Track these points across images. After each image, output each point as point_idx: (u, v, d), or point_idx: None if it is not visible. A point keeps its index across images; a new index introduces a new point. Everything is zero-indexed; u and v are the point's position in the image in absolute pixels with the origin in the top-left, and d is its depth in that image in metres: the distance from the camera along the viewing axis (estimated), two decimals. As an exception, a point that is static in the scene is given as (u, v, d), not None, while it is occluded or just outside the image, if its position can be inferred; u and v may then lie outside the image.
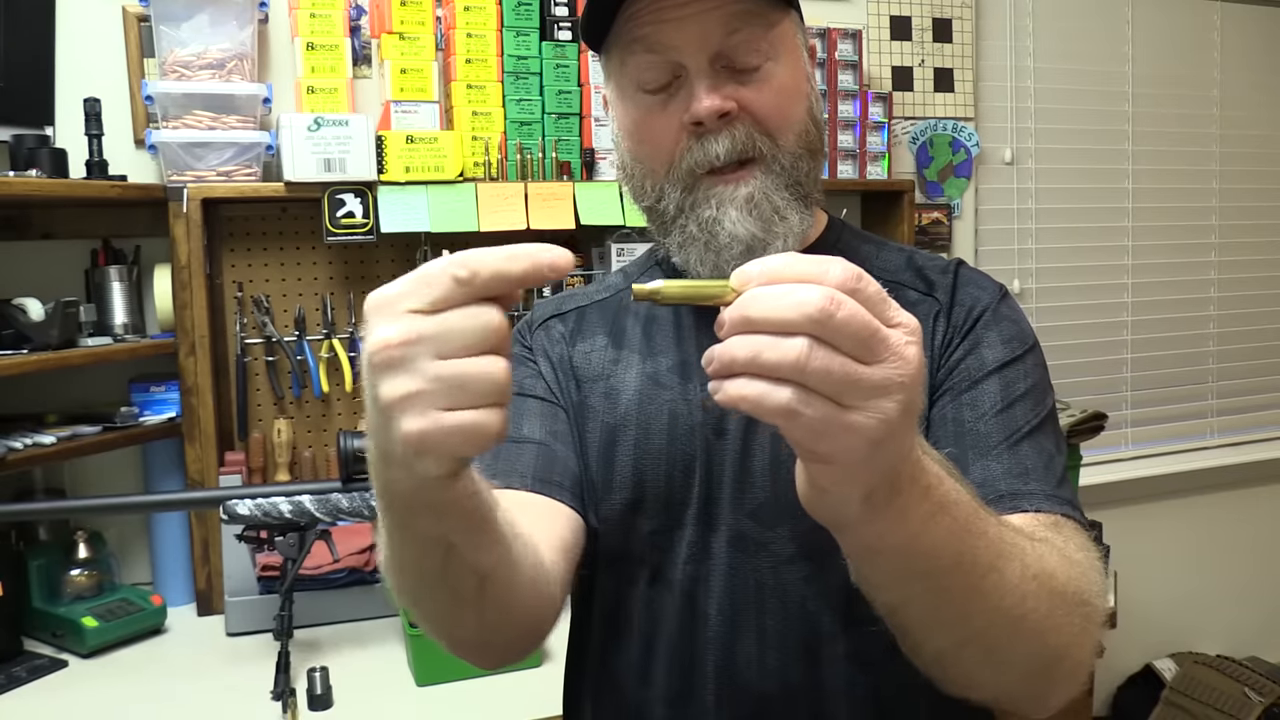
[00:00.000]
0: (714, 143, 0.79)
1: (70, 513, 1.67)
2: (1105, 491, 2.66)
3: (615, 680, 0.86)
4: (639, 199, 0.86)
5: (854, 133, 2.24)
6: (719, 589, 0.81)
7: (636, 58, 0.80)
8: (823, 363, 0.45)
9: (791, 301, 0.45)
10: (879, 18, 2.41)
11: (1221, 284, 2.92)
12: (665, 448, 0.83)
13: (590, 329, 0.92)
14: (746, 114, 0.79)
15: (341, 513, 1.43)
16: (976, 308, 0.85)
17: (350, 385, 1.90)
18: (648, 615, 0.84)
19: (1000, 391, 0.80)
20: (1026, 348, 0.84)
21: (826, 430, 0.47)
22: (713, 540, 0.82)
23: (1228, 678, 2.54)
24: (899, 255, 0.92)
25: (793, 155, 0.81)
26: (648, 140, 0.82)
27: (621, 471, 0.84)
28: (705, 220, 0.80)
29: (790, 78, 0.82)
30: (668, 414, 0.84)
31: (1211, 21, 2.83)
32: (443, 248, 1.96)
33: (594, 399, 0.87)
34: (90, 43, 1.79)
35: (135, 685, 1.47)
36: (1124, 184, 2.76)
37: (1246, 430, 2.99)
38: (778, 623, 0.80)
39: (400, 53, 1.83)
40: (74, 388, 1.77)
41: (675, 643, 0.82)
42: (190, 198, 1.70)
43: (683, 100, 0.79)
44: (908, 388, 0.47)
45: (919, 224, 2.43)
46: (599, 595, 0.88)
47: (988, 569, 0.58)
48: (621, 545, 0.84)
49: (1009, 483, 0.75)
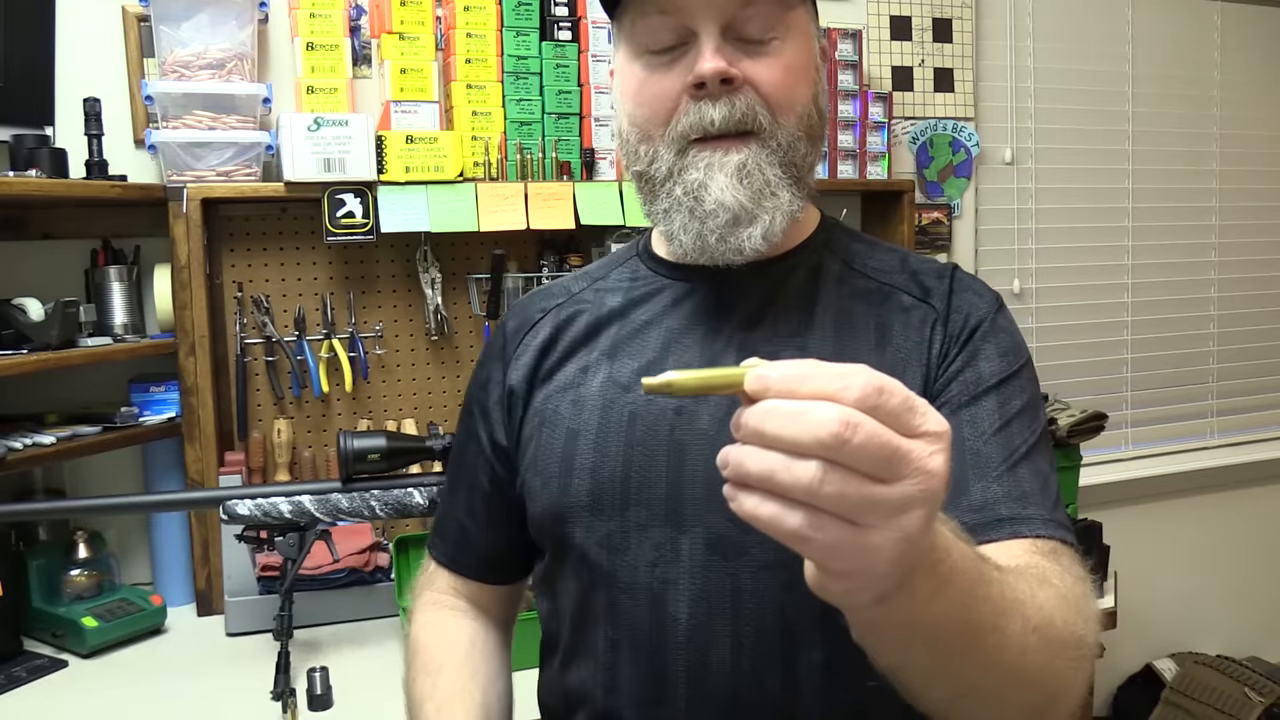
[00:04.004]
0: (711, 108, 0.78)
1: (70, 513, 1.67)
2: (1105, 491, 2.66)
3: (583, 687, 0.84)
4: (632, 163, 0.85)
5: (854, 133, 2.24)
6: (690, 592, 0.79)
7: (648, 19, 0.80)
8: (836, 487, 0.43)
9: (806, 424, 0.43)
10: (879, 18, 2.41)
11: (1221, 284, 2.92)
12: (623, 450, 0.82)
13: (567, 335, 0.91)
14: (750, 87, 0.79)
15: (341, 513, 1.43)
16: (974, 317, 0.84)
17: (350, 385, 1.90)
18: (613, 619, 0.82)
19: (998, 409, 0.79)
20: (1022, 362, 0.83)
21: (841, 552, 0.45)
22: (683, 543, 0.79)
23: (1228, 678, 2.53)
24: (892, 256, 0.91)
25: (791, 135, 0.81)
26: (648, 102, 0.82)
27: (580, 475, 0.83)
28: (691, 184, 0.80)
29: (799, 59, 0.81)
30: (628, 416, 0.83)
31: (1211, 21, 2.83)
32: (442, 247, 1.96)
33: (563, 407, 0.87)
34: (90, 43, 1.78)
35: (135, 685, 1.47)
36: (1124, 184, 2.76)
37: (1246, 430, 2.99)
38: (754, 628, 0.78)
39: (400, 53, 1.83)
40: (74, 388, 1.77)
41: (643, 647, 0.80)
42: (190, 198, 1.70)
43: (688, 63, 0.79)
44: (930, 500, 0.46)
45: (919, 224, 2.43)
46: (564, 602, 0.87)
47: (990, 629, 0.57)
48: (583, 550, 0.83)
49: (1009, 507, 0.75)
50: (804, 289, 0.87)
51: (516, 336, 0.94)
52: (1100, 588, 2.19)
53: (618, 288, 0.93)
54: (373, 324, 1.94)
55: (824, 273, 0.88)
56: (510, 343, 0.94)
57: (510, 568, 0.99)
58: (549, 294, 0.97)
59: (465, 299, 2.00)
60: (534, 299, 0.97)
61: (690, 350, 0.85)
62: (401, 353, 1.98)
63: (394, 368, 1.98)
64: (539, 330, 0.93)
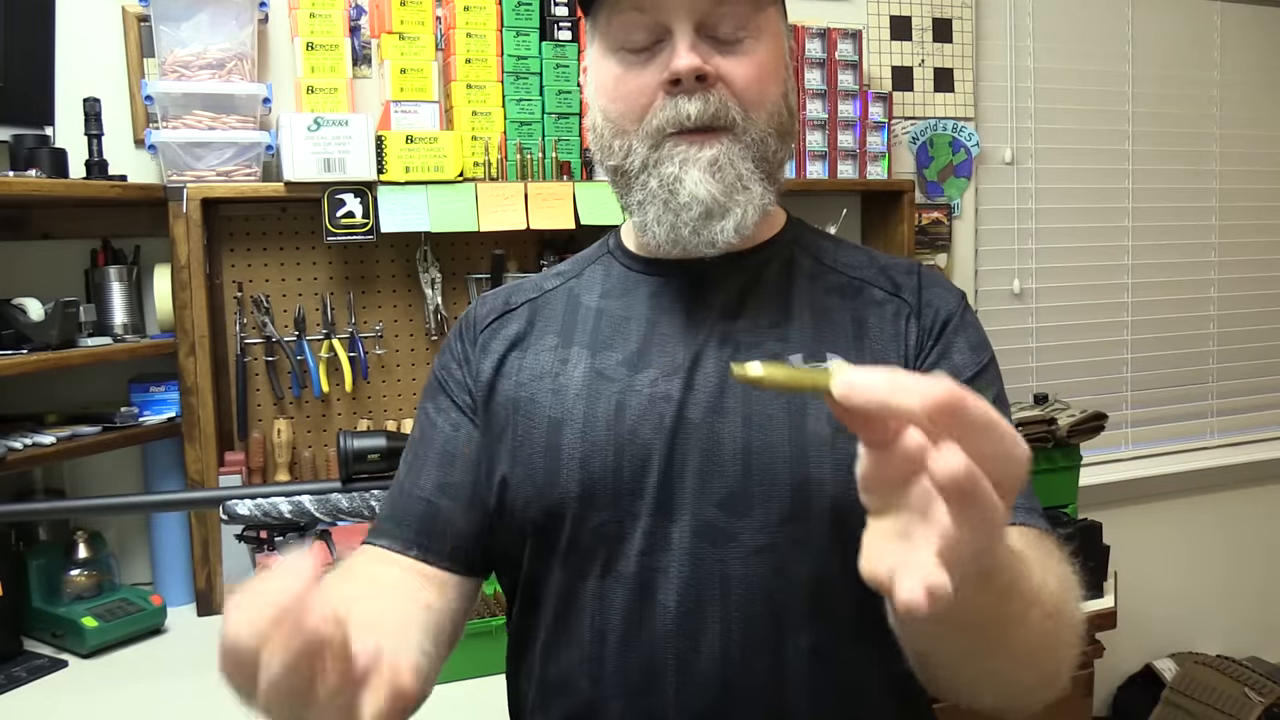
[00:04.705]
0: (687, 103, 0.80)
1: (70, 513, 1.67)
2: (1105, 491, 2.66)
3: (566, 680, 0.84)
4: (606, 158, 0.86)
5: (854, 133, 2.24)
6: (679, 580, 0.79)
7: (624, 15, 0.81)
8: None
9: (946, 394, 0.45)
10: (879, 18, 2.41)
11: (1221, 284, 2.92)
12: (610, 438, 0.82)
13: (541, 327, 0.91)
14: (723, 83, 0.81)
15: (341, 513, 1.43)
16: (944, 311, 0.87)
17: (350, 385, 1.90)
18: (600, 609, 0.81)
19: None
20: (990, 355, 0.87)
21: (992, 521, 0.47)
22: (672, 530, 0.80)
23: (1228, 678, 2.53)
24: (860, 253, 0.93)
25: (762, 131, 0.83)
26: (622, 98, 0.83)
27: (567, 465, 0.82)
28: (666, 177, 0.81)
29: (769, 58, 0.83)
30: (614, 405, 0.83)
31: (1211, 21, 2.83)
32: (442, 247, 1.96)
33: (541, 395, 0.86)
34: (90, 43, 1.79)
35: (135, 685, 1.47)
36: (1124, 184, 2.76)
37: (1246, 430, 2.99)
38: (742, 615, 0.78)
39: (400, 53, 1.83)
40: (74, 388, 1.77)
41: (630, 636, 0.80)
42: (190, 198, 1.70)
43: (663, 60, 0.80)
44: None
45: (919, 224, 2.43)
46: (549, 593, 0.85)
47: (1018, 620, 0.61)
48: (571, 539, 0.83)
49: None
50: (778, 282, 0.89)
51: (486, 320, 0.93)
52: (1100, 588, 2.19)
53: (592, 284, 0.93)
54: (373, 324, 1.94)
55: (796, 267, 0.90)
56: (480, 326, 0.93)
57: (480, 557, 0.89)
58: (520, 289, 0.96)
59: (465, 299, 2.00)
60: (504, 291, 0.97)
61: (672, 341, 0.86)
62: (401, 353, 1.99)
63: (394, 368, 1.98)
64: (510, 320, 0.92)
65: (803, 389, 0.50)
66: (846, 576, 0.79)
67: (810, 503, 0.78)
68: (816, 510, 0.78)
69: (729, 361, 0.83)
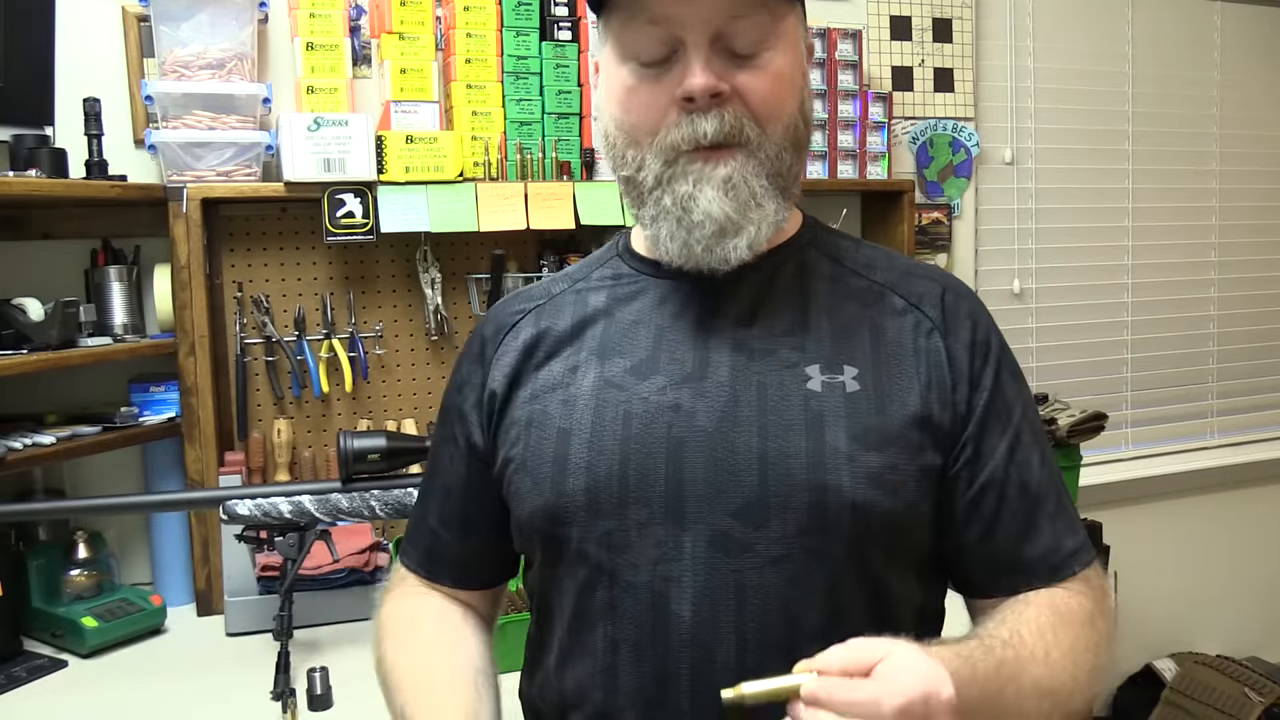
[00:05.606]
0: (703, 121, 0.79)
1: (70, 513, 1.67)
2: (1105, 491, 2.66)
3: (581, 688, 0.83)
4: (618, 168, 0.86)
5: (854, 133, 2.24)
6: (693, 590, 0.78)
7: (637, 26, 0.80)
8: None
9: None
10: (879, 18, 2.41)
11: (1221, 284, 2.92)
12: (618, 447, 0.81)
13: (551, 334, 0.91)
14: (738, 98, 0.79)
15: (341, 513, 1.43)
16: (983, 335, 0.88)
17: (350, 385, 1.90)
18: (613, 618, 0.81)
19: (1034, 440, 0.86)
20: (1021, 374, 0.90)
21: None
22: (685, 540, 0.79)
23: (1228, 678, 2.53)
24: (878, 253, 0.92)
25: (778, 146, 0.81)
26: (635, 111, 0.82)
27: (575, 473, 0.82)
28: (681, 196, 0.80)
29: (787, 70, 0.82)
30: (622, 414, 0.83)
31: (1211, 21, 2.83)
32: (442, 247, 1.96)
33: (552, 406, 0.86)
34: (90, 43, 1.79)
35: (135, 685, 1.47)
36: (1124, 184, 2.76)
37: (1246, 430, 2.99)
38: (758, 624, 0.78)
39: (400, 53, 1.83)
40: (74, 388, 1.77)
41: (645, 646, 0.79)
42: (190, 198, 1.70)
43: (677, 75, 0.79)
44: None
45: (919, 224, 2.43)
46: (561, 603, 0.86)
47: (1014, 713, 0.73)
48: (580, 550, 0.82)
49: (1072, 539, 0.85)
50: (793, 286, 0.88)
51: (496, 338, 0.93)
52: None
53: (600, 287, 0.92)
54: (373, 324, 1.94)
55: (813, 270, 0.89)
56: (489, 345, 0.93)
57: (486, 573, 0.99)
58: (528, 296, 0.96)
59: (465, 299, 2.00)
60: (512, 301, 0.97)
61: (682, 346, 0.85)
62: (401, 353, 1.99)
63: (394, 368, 1.98)
64: (520, 331, 0.92)
65: (783, 698, 0.64)
66: (862, 586, 0.80)
67: (828, 513, 0.78)
68: (834, 520, 0.78)
69: (741, 370, 0.83)
